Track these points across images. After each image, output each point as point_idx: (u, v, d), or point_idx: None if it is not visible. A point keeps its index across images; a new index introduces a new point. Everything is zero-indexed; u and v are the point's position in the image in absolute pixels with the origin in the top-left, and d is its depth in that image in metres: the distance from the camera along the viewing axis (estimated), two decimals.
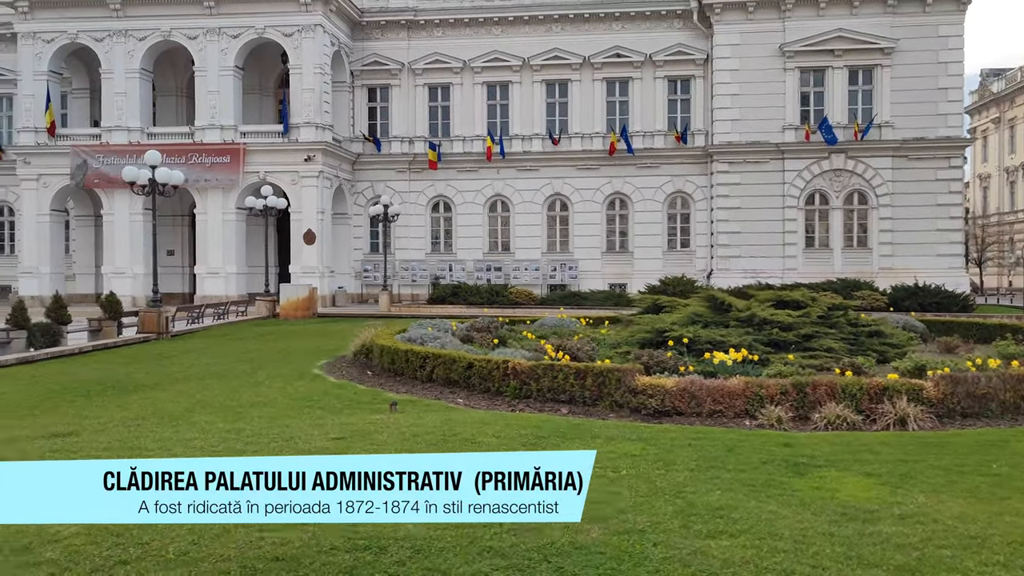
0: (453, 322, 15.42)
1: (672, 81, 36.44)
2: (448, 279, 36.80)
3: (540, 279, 36.34)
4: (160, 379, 12.19)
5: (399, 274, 37.53)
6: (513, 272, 36.50)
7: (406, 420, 8.64)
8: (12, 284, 38.66)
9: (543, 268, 36.57)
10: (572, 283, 36.20)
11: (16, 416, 9.17)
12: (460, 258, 37.45)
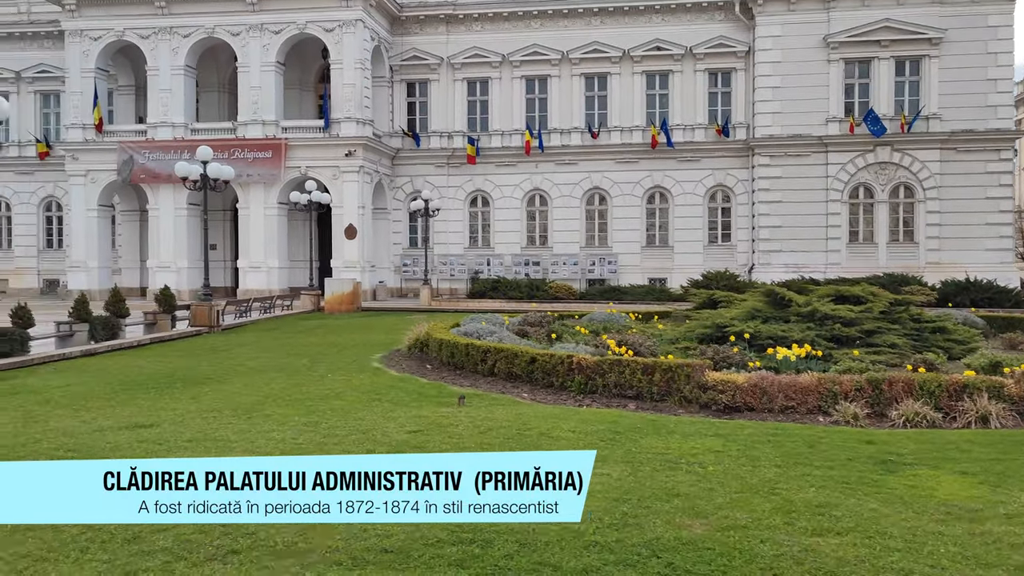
0: (505, 316, 15.43)
1: (713, 74, 36.11)
2: (486, 273, 36.83)
3: (578, 273, 36.24)
4: (223, 372, 12.35)
5: (437, 268, 37.62)
6: (551, 266, 36.44)
7: (477, 414, 8.67)
8: (60, 278, 39.40)
9: (581, 262, 36.46)
10: (611, 277, 36.05)
11: (96, 407, 9.33)
12: (498, 252, 37.47)
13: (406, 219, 38.38)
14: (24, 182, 39.60)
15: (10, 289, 39.48)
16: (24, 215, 39.75)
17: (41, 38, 39.02)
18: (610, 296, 32.16)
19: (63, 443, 7.41)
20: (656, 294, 31.51)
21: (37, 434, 7.86)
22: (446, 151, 37.56)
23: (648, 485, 5.89)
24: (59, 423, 8.42)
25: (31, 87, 39.22)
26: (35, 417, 8.79)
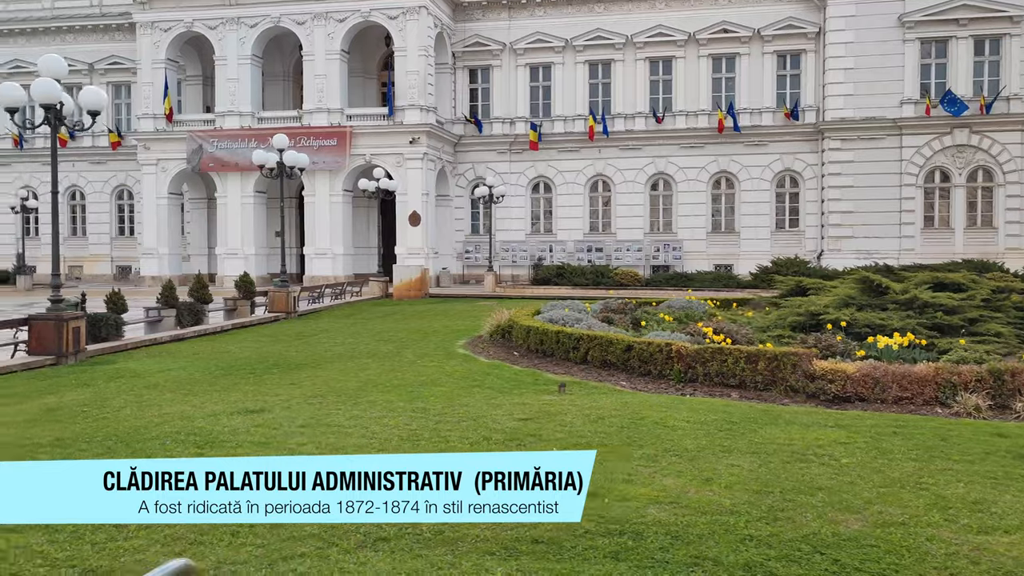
0: (587, 304, 15.30)
1: (781, 56, 35.31)
2: (548, 260, 36.73)
3: (642, 260, 35.88)
4: (315, 358, 12.47)
5: (499, 255, 37.59)
6: (615, 253, 36.15)
7: (581, 402, 8.59)
8: (132, 265, 40.44)
9: (646, 249, 36.09)
10: (675, 264, 35.64)
11: (202, 392, 9.49)
12: (560, 239, 37.31)
13: (468, 206, 38.47)
14: (97, 171, 40.64)
15: (84, 275, 40.64)
16: (97, 204, 40.82)
17: (112, 30, 39.90)
18: (676, 283, 31.79)
19: (183, 427, 7.53)
20: (724, 280, 31.04)
21: (155, 418, 8.01)
22: (508, 137, 37.45)
23: (784, 477, 5.73)
24: (172, 407, 8.57)
25: (103, 78, 40.12)
26: (147, 401, 8.97)
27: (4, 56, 40.41)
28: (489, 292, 30.75)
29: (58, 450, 6.76)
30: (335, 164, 34.78)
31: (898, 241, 33.35)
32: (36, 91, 12.43)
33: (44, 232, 40.81)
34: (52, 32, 40.06)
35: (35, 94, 12.51)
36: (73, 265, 41.02)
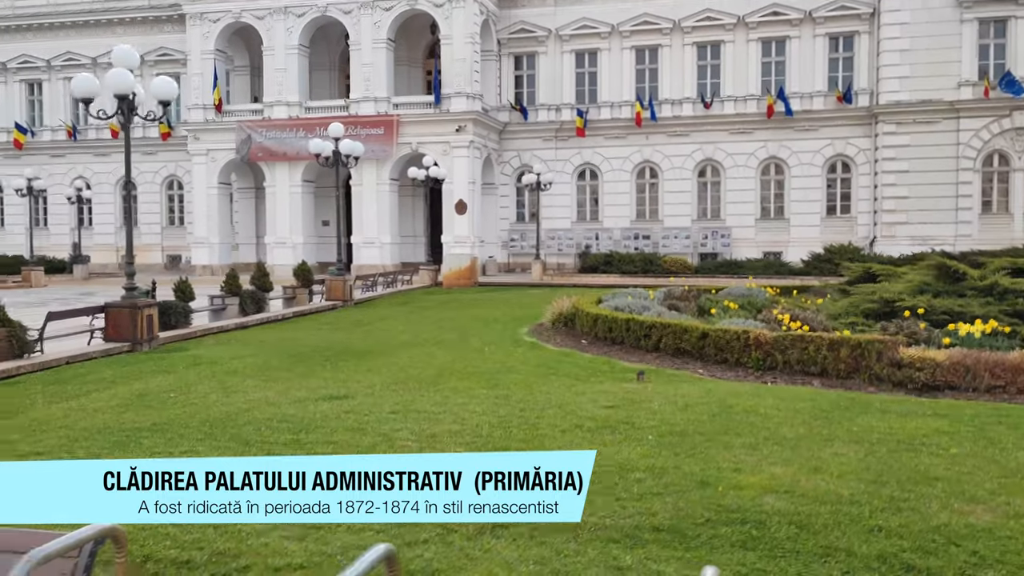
0: (650, 291, 15.18)
1: (833, 38, 34.61)
2: (595, 248, 36.55)
3: (690, 247, 35.54)
4: (382, 345, 12.54)
5: (545, 243, 37.45)
6: (662, 240, 35.83)
7: (663, 390, 8.51)
8: (182, 254, 41.08)
9: (693, 236, 35.73)
10: (724, 251, 35.25)
11: (282, 378, 9.58)
12: (607, 227, 37.08)
13: (513, 194, 38.41)
14: (148, 162, 41.22)
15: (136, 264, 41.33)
16: (148, 194, 41.45)
17: (162, 22, 40.37)
18: (726, 270, 31.45)
19: (273, 413, 7.60)
20: (775, 268, 30.62)
21: (243, 404, 8.10)
22: (554, 124, 37.27)
23: (896, 467, 5.61)
24: (256, 394, 8.66)
25: (153, 70, 40.57)
26: (231, 387, 9.08)
27: (56, 49, 41.14)
28: (536, 280, 30.71)
29: (158, 435, 6.86)
30: (382, 153, 34.90)
31: (954, 227, 32.60)
32: (110, 82, 12.62)
33: (98, 222, 41.66)
34: (103, 25, 40.69)
35: (109, 85, 12.71)
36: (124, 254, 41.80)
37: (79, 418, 7.64)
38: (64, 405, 8.27)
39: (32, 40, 41.26)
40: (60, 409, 8.06)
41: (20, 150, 41.37)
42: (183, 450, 6.36)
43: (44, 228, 42.59)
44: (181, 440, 6.68)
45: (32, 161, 41.43)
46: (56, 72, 41.32)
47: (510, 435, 6.63)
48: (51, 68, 41.27)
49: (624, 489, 5.21)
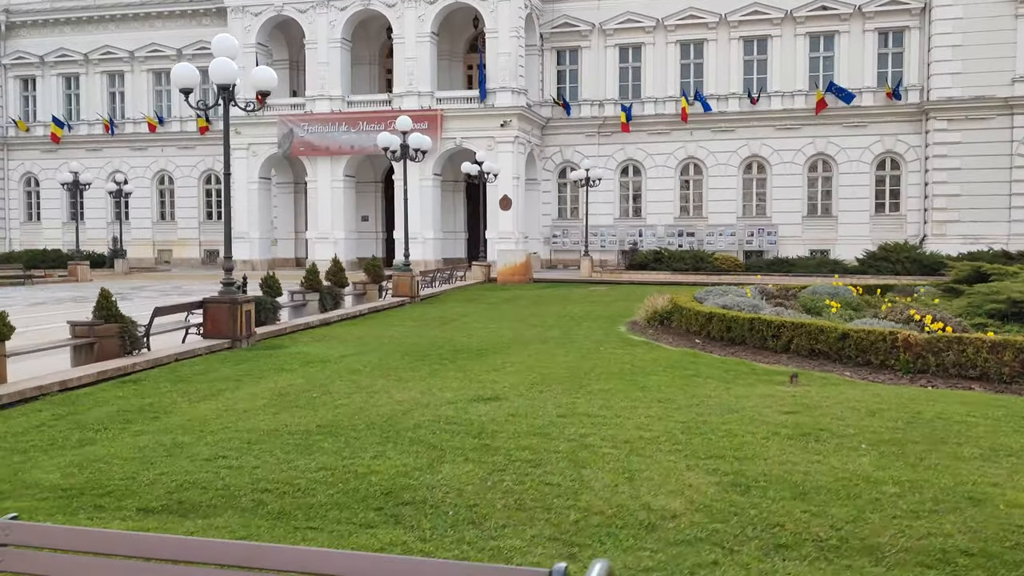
0: (747, 289, 14.81)
1: (883, 33, 34.11)
2: (639, 245, 36.21)
3: (735, 245, 35.13)
4: (487, 344, 12.20)
5: (587, 240, 37.16)
6: (707, 238, 35.44)
7: (828, 393, 8.17)
8: (219, 249, 40.82)
9: (739, 234, 35.33)
10: (770, 249, 34.82)
11: (410, 379, 9.22)
12: (650, 223, 36.71)
13: (555, 190, 38.10)
14: (185, 156, 41.06)
15: (174, 259, 41.24)
16: (186, 188, 41.26)
17: (200, 15, 40.14)
18: (777, 268, 31.01)
19: (435, 415, 7.29)
20: (829, 266, 30.15)
21: (393, 405, 7.79)
22: (597, 120, 36.91)
23: None
24: (399, 394, 8.35)
25: (191, 64, 40.37)
26: (367, 387, 8.76)
27: (94, 43, 40.95)
28: (586, 277, 30.33)
29: (332, 438, 6.55)
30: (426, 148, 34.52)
31: (1007, 225, 32.12)
32: (214, 71, 12.44)
33: (134, 216, 41.45)
34: (140, 18, 40.48)
35: (212, 74, 12.48)
36: (162, 249, 41.69)
37: (233, 419, 7.34)
38: (208, 405, 7.97)
39: (70, 34, 41.11)
40: (207, 409, 7.77)
41: (57, 144, 41.28)
42: (373, 455, 6.05)
43: (80, 222, 42.44)
44: (361, 444, 6.37)
45: (68, 155, 41.37)
46: (94, 66, 41.16)
47: (710, 443, 6.29)
48: (88, 62, 41.10)
49: (890, 505, 4.87)
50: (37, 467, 5.88)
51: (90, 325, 10.00)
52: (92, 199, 41.75)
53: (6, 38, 41.60)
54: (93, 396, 8.45)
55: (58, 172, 41.46)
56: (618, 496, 5.09)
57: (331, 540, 4.51)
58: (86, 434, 6.84)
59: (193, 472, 5.70)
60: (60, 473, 5.73)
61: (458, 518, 4.80)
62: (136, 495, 5.26)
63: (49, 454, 6.24)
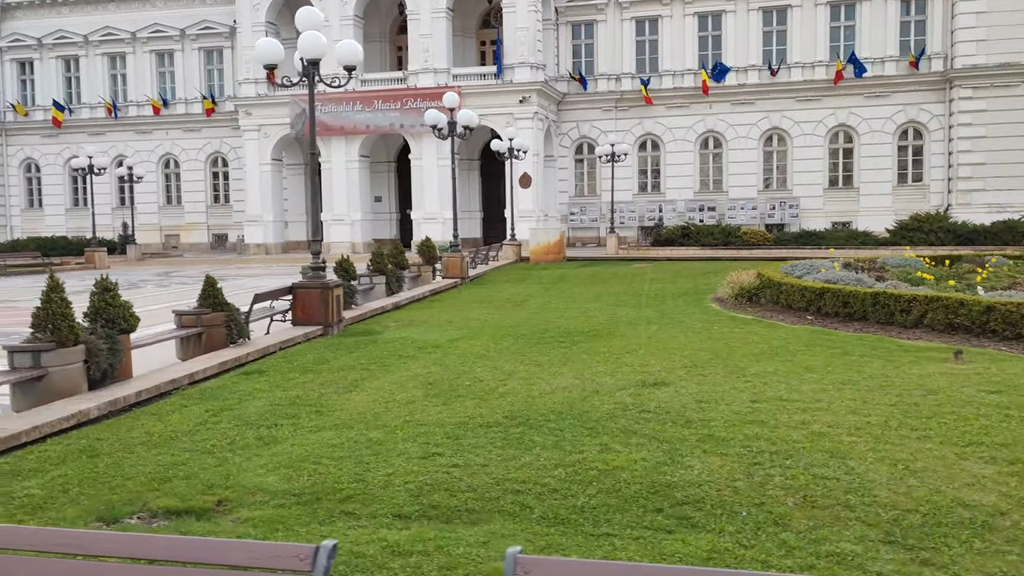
0: (835, 264, 14.45)
1: (905, 1, 33.71)
2: (658, 220, 35.83)
3: (756, 218, 34.83)
4: (591, 325, 11.74)
5: (606, 216, 36.74)
6: (728, 212, 35.13)
7: (1010, 369, 7.83)
8: (228, 233, 40.10)
9: (760, 207, 35.04)
10: (792, 222, 34.56)
11: (546, 363, 8.74)
12: (670, 198, 36.34)
13: (572, 166, 37.62)
14: (191, 139, 40.11)
15: (181, 244, 40.42)
16: (192, 171, 40.35)
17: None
18: (806, 241, 30.62)
19: (616, 402, 6.87)
20: (860, 238, 29.86)
21: (558, 390, 7.36)
22: (614, 94, 36.37)
23: None
24: (556, 380, 7.90)
25: (195, 44, 39.44)
26: (510, 373, 8.30)
27: (94, 24, 39.77)
28: (613, 254, 29.95)
29: (532, 430, 6.09)
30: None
31: None
32: (303, 45, 11.76)
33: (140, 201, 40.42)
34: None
35: (301, 48, 11.83)
36: (169, 234, 40.82)
37: (404, 411, 6.88)
38: (360, 397, 7.50)
39: (68, 15, 39.89)
40: (363, 401, 7.30)
41: (59, 128, 40.18)
42: (598, 449, 5.62)
43: (83, 208, 41.45)
44: (570, 436, 5.94)
45: (70, 140, 40.38)
46: (94, 48, 40.01)
47: (951, 427, 5.91)
48: (89, 44, 39.94)
49: None
50: (243, 470, 5.41)
51: (197, 314, 9.46)
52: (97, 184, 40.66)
53: (2, 20, 40.32)
54: (228, 389, 7.95)
55: (60, 157, 40.55)
56: (916, 490, 4.70)
57: (640, 548, 4.09)
58: (261, 431, 6.36)
59: (421, 472, 5.25)
60: (277, 476, 5.26)
61: (758, 519, 4.40)
62: (379, 500, 4.81)
63: (241, 455, 5.76)
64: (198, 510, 4.77)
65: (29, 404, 7.02)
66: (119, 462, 5.68)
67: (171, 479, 5.30)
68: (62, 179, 41.09)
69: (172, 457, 5.76)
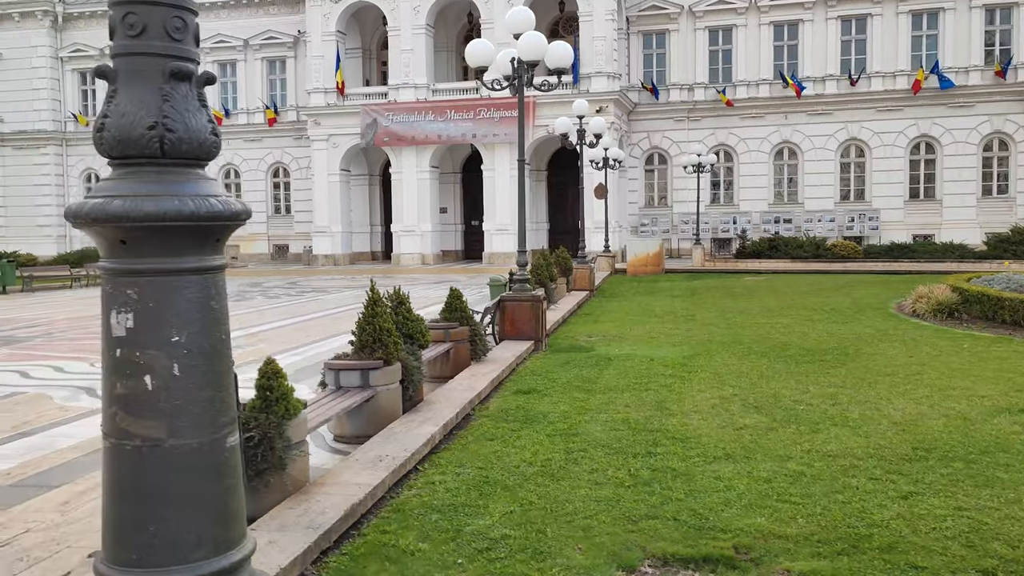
0: None
1: (990, 10, 33.15)
2: (731, 232, 35.27)
3: (834, 231, 34.15)
4: (816, 343, 11.10)
5: (678, 228, 36.23)
6: (805, 223, 34.46)
7: None
8: (288, 243, 39.62)
9: (838, 219, 34.37)
10: (871, 235, 33.87)
11: (856, 392, 8.15)
12: (744, 210, 35.73)
13: (642, 176, 37.08)
14: (252, 149, 39.66)
15: (241, 255, 39.86)
16: (253, 181, 39.87)
17: (267, 4, 38.72)
18: (897, 254, 29.92)
19: (1000, 430, 6.21)
20: (958, 251, 29.08)
21: (927, 415, 6.71)
22: (686, 104, 35.83)
23: None
24: (900, 404, 7.26)
25: (258, 54, 39.06)
26: (833, 397, 7.66)
27: None
28: (700, 267, 29.29)
29: (941, 465, 5.44)
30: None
31: None
32: (523, 46, 11.19)
33: None
34: (206, 8, 38.88)
35: (521, 50, 11.27)
36: (230, 244, 40.01)
37: (770, 438, 6.23)
38: (692, 422, 6.84)
39: None
40: (705, 427, 6.64)
41: None
42: None
43: None
44: None
45: (87, 152, 39.90)
46: None
47: None
48: None
49: None
50: (708, 507, 4.75)
51: (446, 328, 8.83)
52: None
53: (63, 30, 40.02)
54: (527, 409, 7.27)
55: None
56: None
57: None
58: (647, 461, 5.68)
59: (929, 516, 4.59)
60: (763, 516, 4.59)
61: None
62: (932, 552, 4.14)
63: (662, 487, 5.09)
64: (718, 557, 4.12)
65: (355, 430, 6.39)
66: (544, 496, 5.03)
67: (640, 518, 4.65)
68: None
69: (594, 491, 5.11)
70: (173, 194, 2.64)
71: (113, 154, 2.66)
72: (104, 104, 2.66)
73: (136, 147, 2.64)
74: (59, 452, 6.35)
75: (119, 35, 2.65)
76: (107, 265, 2.71)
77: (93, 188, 2.63)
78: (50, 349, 12.03)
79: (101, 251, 2.72)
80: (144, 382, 2.73)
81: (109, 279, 2.70)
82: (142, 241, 2.65)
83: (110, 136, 2.64)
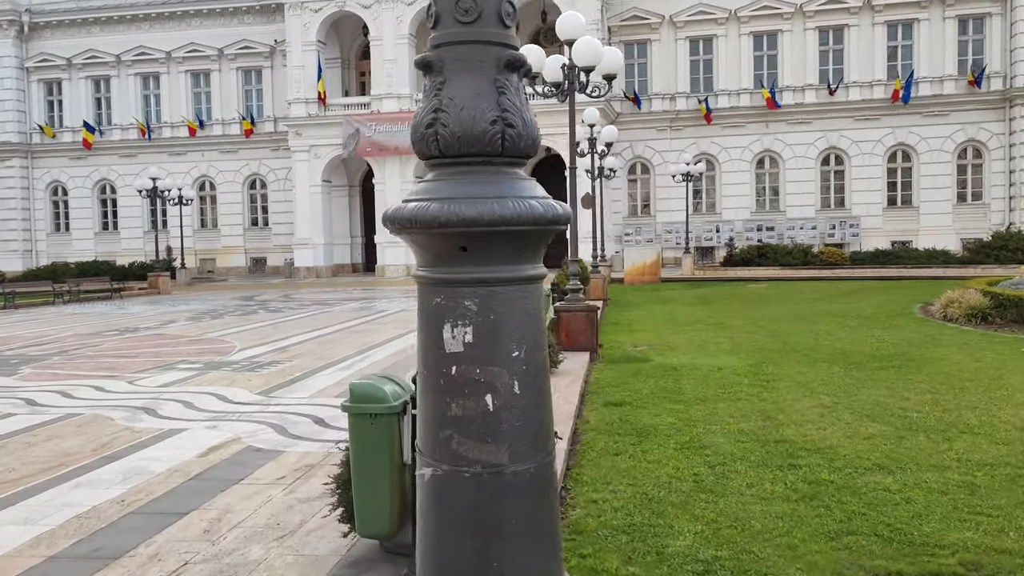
0: None
1: (963, 21, 33.97)
2: (714, 241, 35.56)
3: (816, 238, 34.62)
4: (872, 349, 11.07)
5: (662, 236, 36.34)
6: (787, 231, 34.87)
7: None
8: (266, 256, 38.87)
9: (820, 226, 34.84)
10: (852, 241, 34.41)
11: (957, 398, 8.08)
12: (726, 218, 36.01)
13: (625, 186, 37.16)
14: (228, 160, 38.90)
15: (218, 269, 39.04)
16: (229, 193, 39.10)
17: (242, 13, 38.07)
18: (883, 261, 30.50)
19: None
20: (941, 257, 29.73)
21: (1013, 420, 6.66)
22: (668, 113, 36.05)
23: None
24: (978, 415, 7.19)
25: (233, 64, 38.36)
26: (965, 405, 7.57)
27: (127, 44, 38.52)
28: (690, 275, 29.39)
29: None
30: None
31: None
32: (578, 52, 11.05)
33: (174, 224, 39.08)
34: (178, 17, 38.18)
35: (576, 56, 11.11)
36: (205, 258, 39.40)
37: (906, 448, 6.10)
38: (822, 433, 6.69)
39: (99, 35, 38.59)
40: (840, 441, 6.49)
41: (89, 150, 38.72)
42: None
43: (113, 232, 39.92)
44: None
45: (99, 162, 39.04)
46: (127, 68, 38.71)
47: None
48: (121, 64, 38.65)
49: None
50: (930, 527, 4.57)
51: None
52: (127, 207, 39.32)
53: (29, 40, 38.85)
54: (631, 423, 7.04)
55: (88, 179, 39.10)
56: None
57: None
58: (830, 476, 5.48)
59: None
60: (974, 531, 4.44)
61: None
62: None
63: (858, 501, 4.91)
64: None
65: None
66: (720, 512, 4.81)
67: (838, 534, 4.45)
68: (91, 202, 39.57)
69: (767, 506, 4.90)
70: (517, 195, 2.40)
71: (449, 152, 2.40)
72: (428, 98, 2.40)
73: (478, 144, 2.38)
74: (160, 477, 5.94)
75: (447, 22, 2.41)
76: (440, 275, 2.43)
77: (414, 191, 2.35)
78: (74, 368, 11.45)
79: (425, 260, 2.46)
80: (485, 402, 2.47)
81: (440, 290, 2.43)
82: (488, 248, 2.38)
83: (447, 132, 2.37)
